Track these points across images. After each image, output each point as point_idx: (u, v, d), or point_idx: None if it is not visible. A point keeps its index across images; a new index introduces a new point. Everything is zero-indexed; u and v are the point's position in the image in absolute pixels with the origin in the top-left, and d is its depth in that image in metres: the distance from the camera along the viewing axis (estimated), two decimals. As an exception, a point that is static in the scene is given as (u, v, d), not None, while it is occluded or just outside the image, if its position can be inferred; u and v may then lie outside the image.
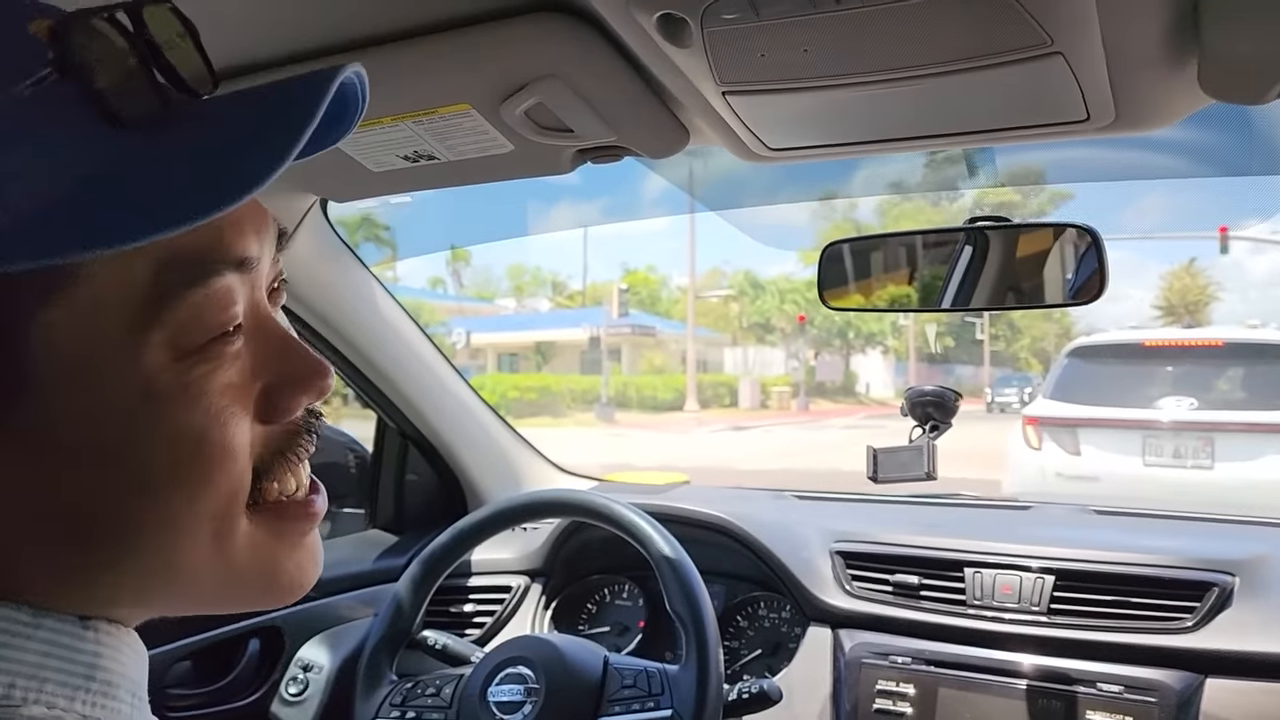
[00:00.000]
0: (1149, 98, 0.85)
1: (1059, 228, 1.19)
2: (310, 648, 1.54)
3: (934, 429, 1.49)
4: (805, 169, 1.47)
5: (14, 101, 0.38)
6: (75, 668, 0.44)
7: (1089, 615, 1.35)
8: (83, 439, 0.42)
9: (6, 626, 0.42)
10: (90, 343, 0.41)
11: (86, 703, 0.44)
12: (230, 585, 0.47)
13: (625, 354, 33.80)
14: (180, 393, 0.43)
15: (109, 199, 0.38)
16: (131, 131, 0.40)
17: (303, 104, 0.41)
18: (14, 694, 0.41)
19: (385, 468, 1.88)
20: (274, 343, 0.48)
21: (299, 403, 0.49)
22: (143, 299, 0.41)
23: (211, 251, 0.44)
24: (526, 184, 1.32)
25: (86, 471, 0.42)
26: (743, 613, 1.64)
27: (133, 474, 0.42)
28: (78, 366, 0.41)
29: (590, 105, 0.95)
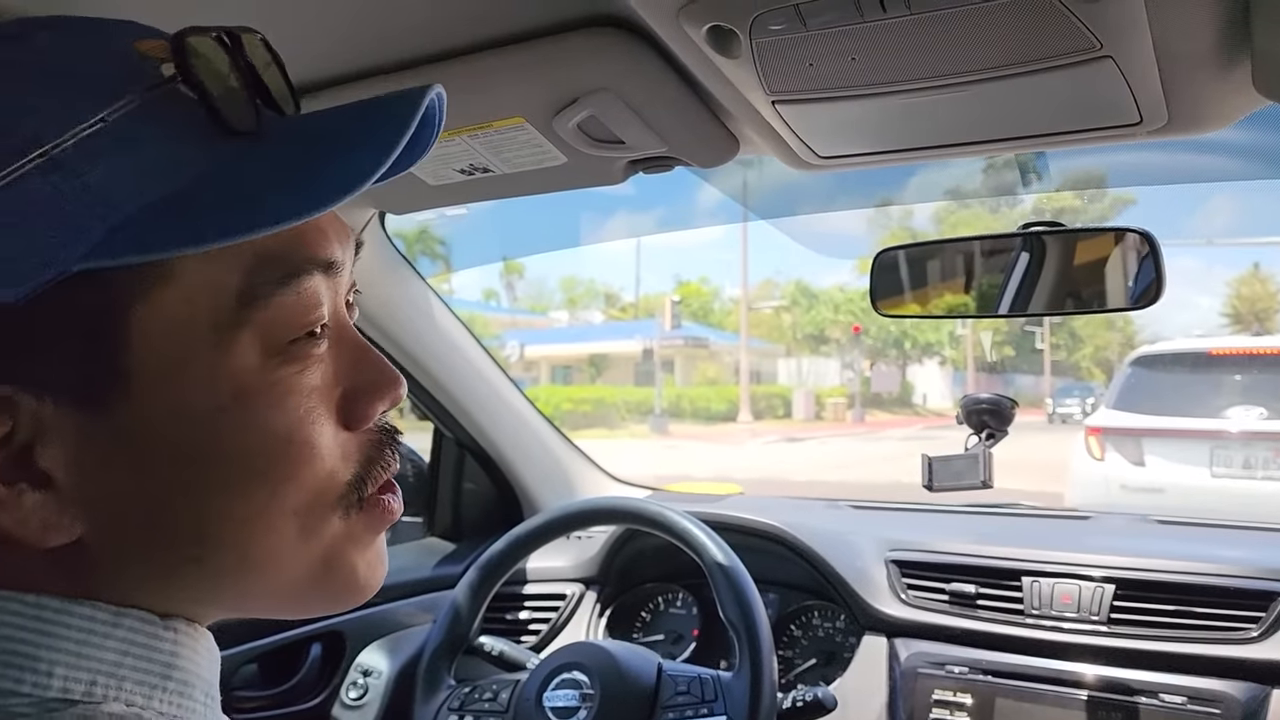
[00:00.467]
0: (1202, 99, 0.84)
1: (1116, 232, 1.18)
2: (370, 653, 1.57)
3: (990, 437, 1.48)
4: (859, 177, 1.47)
5: (123, 111, 0.41)
6: (153, 666, 0.45)
7: (1151, 625, 1.33)
8: (172, 436, 0.43)
9: (87, 625, 0.44)
10: (182, 340, 0.42)
11: (164, 701, 0.45)
12: (305, 584, 0.48)
13: (678, 366, 33.79)
14: (268, 391, 0.44)
15: (211, 199, 0.41)
16: (233, 140, 0.43)
17: (396, 117, 0.43)
18: (95, 691, 0.43)
19: (443, 477, 1.91)
20: (353, 349, 0.50)
21: (376, 409, 0.50)
22: (233, 298, 0.43)
23: (299, 254, 0.46)
24: (578, 195, 1.34)
25: (175, 468, 0.43)
26: (796, 622, 1.63)
27: (220, 471, 0.44)
28: (169, 363, 0.42)
29: (641, 117, 0.97)
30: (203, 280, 0.42)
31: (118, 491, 0.43)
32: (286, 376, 0.45)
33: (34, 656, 0.42)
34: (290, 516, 0.46)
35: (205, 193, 0.41)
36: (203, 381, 0.43)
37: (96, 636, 0.44)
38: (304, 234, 0.46)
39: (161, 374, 0.42)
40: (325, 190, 0.41)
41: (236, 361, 0.44)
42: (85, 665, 0.43)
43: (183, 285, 0.42)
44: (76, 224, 0.39)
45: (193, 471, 0.44)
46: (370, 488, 0.50)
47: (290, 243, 0.45)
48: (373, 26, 0.90)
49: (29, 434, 0.42)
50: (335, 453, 0.48)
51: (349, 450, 0.49)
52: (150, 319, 0.42)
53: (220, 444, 0.44)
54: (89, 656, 0.43)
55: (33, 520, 0.42)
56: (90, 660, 0.43)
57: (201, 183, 0.42)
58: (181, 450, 0.43)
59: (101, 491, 0.43)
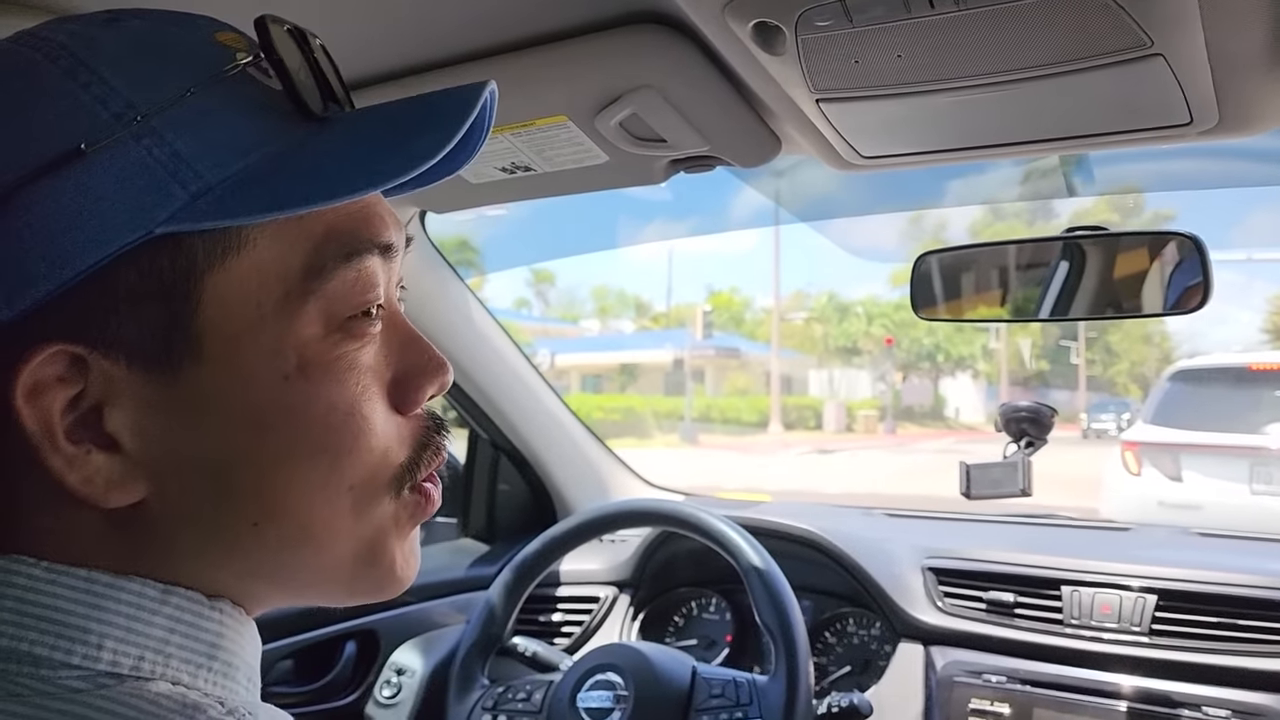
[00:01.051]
0: (1255, 99, 0.83)
1: (1160, 236, 1.17)
2: (404, 652, 1.58)
3: (1029, 445, 1.47)
4: (896, 183, 1.47)
5: (206, 89, 0.44)
6: (199, 645, 0.46)
7: (1193, 637, 1.31)
8: (239, 402, 0.45)
9: (136, 600, 0.44)
10: (252, 308, 0.44)
11: (208, 681, 0.46)
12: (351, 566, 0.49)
13: (709, 375, 33.73)
14: (331, 365, 0.46)
15: (287, 172, 0.43)
16: (303, 124, 0.46)
17: (454, 108, 0.46)
18: (143, 666, 0.44)
19: (477, 478, 1.92)
20: (403, 333, 0.52)
21: (425, 394, 0.51)
22: (300, 271, 0.45)
23: (361, 234, 0.48)
24: (612, 201, 1.34)
25: (241, 434, 0.45)
26: (831, 629, 1.62)
27: (285, 439, 0.45)
28: (239, 330, 0.44)
29: (684, 115, 0.97)
30: (273, 252, 0.45)
31: (183, 456, 0.44)
32: (347, 352, 0.47)
33: (85, 629, 0.43)
34: (347, 492, 0.47)
35: (280, 167, 0.44)
36: (270, 349, 0.45)
37: (145, 612, 0.44)
38: (365, 217, 0.48)
39: (232, 340, 0.44)
40: (391, 167, 0.43)
41: (301, 332, 0.45)
42: (134, 640, 0.44)
43: (254, 255, 0.44)
44: (164, 189, 0.42)
45: (258, 438, 0.45)
46: (422, 473, 0.51)
47: (353, 223, 0.47)
48: (419, 23, 0.90)
49: (99, 396, 0.43)
50: (391, 433, 0.49)
51: (403, 433, 0.50)
52: (223, 286, 0.44)
53: (286, 413, 0.45)
54: (138, 632, 0.44)
55: (98, 480, 0.43)
56: (139, 635, 0.44)
57: (276, 158, 0.44)
58: (248, 416, 0.45)
59: (167, 455, 0.44)
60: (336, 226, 0.47)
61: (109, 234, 0.41)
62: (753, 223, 18.33)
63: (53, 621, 0.43)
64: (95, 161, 0.41)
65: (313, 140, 0.46)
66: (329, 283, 0.46)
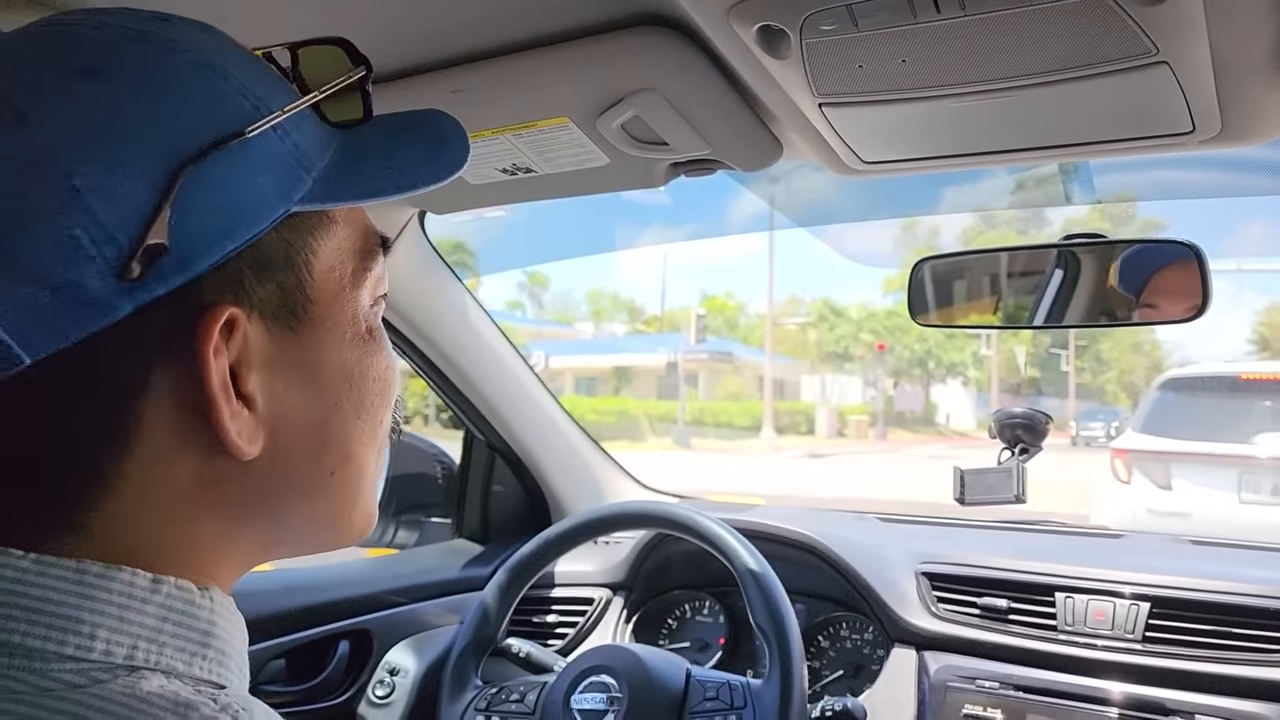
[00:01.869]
0: (1257, 108, 0.83)
1: (1159, 245, 1.17)
2: (397, 652, 1.57)
3: (1023, 451, 1.47)
4: (892, 189, 1.47)
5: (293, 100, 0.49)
6: (192, 634, 0.46)
7: (1186, 645, 1.31)
8: (334, 360, 0.52)
9: (127, 589, 0.45)
10: (337, 279, 0.52)
11: (203, 669, 0.46)
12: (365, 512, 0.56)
13: (702, 379, 33.73)
14: (377, 331, 0.55)
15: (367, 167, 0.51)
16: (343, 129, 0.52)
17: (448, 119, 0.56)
18: (137, 655, 0.44)
19: (472, 479, 1.91)
20: None
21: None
22: (360, 251, 0.54)
23: (377, 231, 0.56)
24: (608, 204, 1.33)
25: (333, 390, 0.52)
26: (825, 633, 1.62)
27: (359, 395, 0.53)
28: (333, 295, 0.51)
29: (686, 118, 0.97)
30: (346, 233, 0.52)
31: (294, 412, 0.50)
32: (379, 325, 0.56)
33: (77, 619, 0.43)
34: (379, 444, 0.56)
35: (357, 161, 0.50)
36: (351, 314, 0.53)
37: (137, 601, 0.45)
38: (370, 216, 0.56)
39: (330, 305, 0.51)
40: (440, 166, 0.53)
41: (363, 302, 0.54)
42: (127, 629, 0.44)
43: (338, 235, 0.52)
44: (295, 174, 0.47)
45: (346, 393, 0.52)
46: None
47: (370, 222, 0.56)
48: (421, 24, 0.90)
49: (239, 357, 0.47)
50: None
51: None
52: (323, 258, 0.51)
53: (363, 369, 0.53)
54: (130, 620, 0.44)
55: (245, 434, 0.47)
56: (131, 625, 0.44)
57: (347, 155, 0.51)
58: (341, 373, 0.52)
59: (283, 412, 0.49)
60: (367, 223, 0.55)
61: (264, 209, 0.46)
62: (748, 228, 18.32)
63: (43, 613, 0.43)
64: (252, 145, 0.45)
65: (361, 141, 0.52)
66: (374, 264, 0.54)
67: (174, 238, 0.43)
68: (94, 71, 0.43)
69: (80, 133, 0.42)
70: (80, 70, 0.43)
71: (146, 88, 0.44)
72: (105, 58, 0.44)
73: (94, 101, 0.43)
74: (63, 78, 0.43)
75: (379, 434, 0.56)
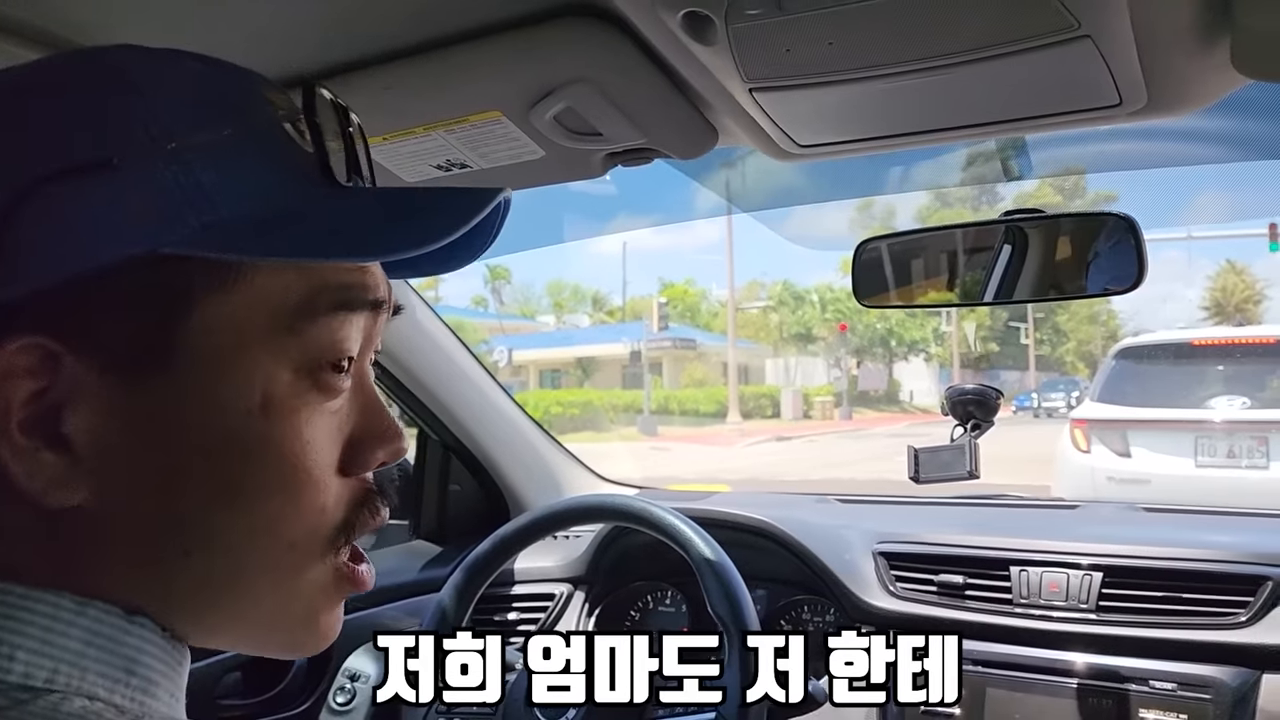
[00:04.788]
0: (1182, 79, 0.84)
1: (1097, 218, 1.18)
2: (357, 657, 1.56)
3: (975, 428, 1.48)
4: (841, 172, 1.47)
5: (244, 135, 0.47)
6: (116, 660, 0.45)
7: (1139, 612, 1.33)
8: (197, 426, 0.45)
9: (52, 612, 0.44)
10: (233, 338, 0.46)
11: (125, 696, 0.45)
12: (277, 618, 0.50)
13: (666, 368, 33.79)
14: (292, 413, 0.47)
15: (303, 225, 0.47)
16: (327, 189, 0.49)
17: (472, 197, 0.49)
18: (57, 680, 0.43)
19: (428, 479, 1.90)
20: (367, 396, 0.53)
21: (376, 459, 0.52)
22: (290, 309, 0.47)
23: (355, 289, 0.50)
24: (563, 195, 1.33)
25: (192, 458, 0.46)
26: (786, 617, 1.63)
27: (230, 476, 0.46)
28: (216, 356, 0.45)
29: (619, 108, 0.96)
30: (269, 290, 0.46)
31: (132, 468, 0.45)
32: (311, 401, 0.48)
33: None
34: (287, 550, 0.48)
35: (295, 218, 0.46)
36: (240, 380, 0.46)
37: (61, 624, 0.44)
38: (363, 276, 0.50)
39: (207, 364, 0.45)
40: (403, 240, 0.47)
41: (273, 371, 0.47)
42: (49, 653, 0.43)
43: (249, 289, 0.46)
44: (179, 214, 0.44)
45: (207, 466, 0.46)
46: (354, 534, 0.51)
47: (350, 279, 0.49)
48: (348, 21, 0.89)
49: (62, 395, 0.43)
50: (330, 491, 0.50)
51: (340, 494, 0.50)
52: (212, 311, 0.45)
53: (238, 447, 0.46)
54: (53, 644, 0.43)
55: (40, 477, 0.43)
56: (54, 648, 0.43)
57: (292, 210, 0.47)
58: (202, 442, 0.46)
59: (116, 466, 0.44)
60: (335, 279, 0.48)
61: (115, 243, 0.43)
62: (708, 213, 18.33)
63: None
64: (121, 175, 0.43)
65: (332, 202, 0.49)
66: (314, 326, 0.47)
67: (3, 254, 0.42)
68: (20, 90, 0.46)
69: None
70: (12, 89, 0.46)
71: (43, 106, 0.45)
72: (37, 78, 0.47)
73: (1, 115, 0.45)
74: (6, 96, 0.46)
75: (273, 533, 0.47)
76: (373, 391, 0.53)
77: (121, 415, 0.44)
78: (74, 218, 0.43)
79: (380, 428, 0.52)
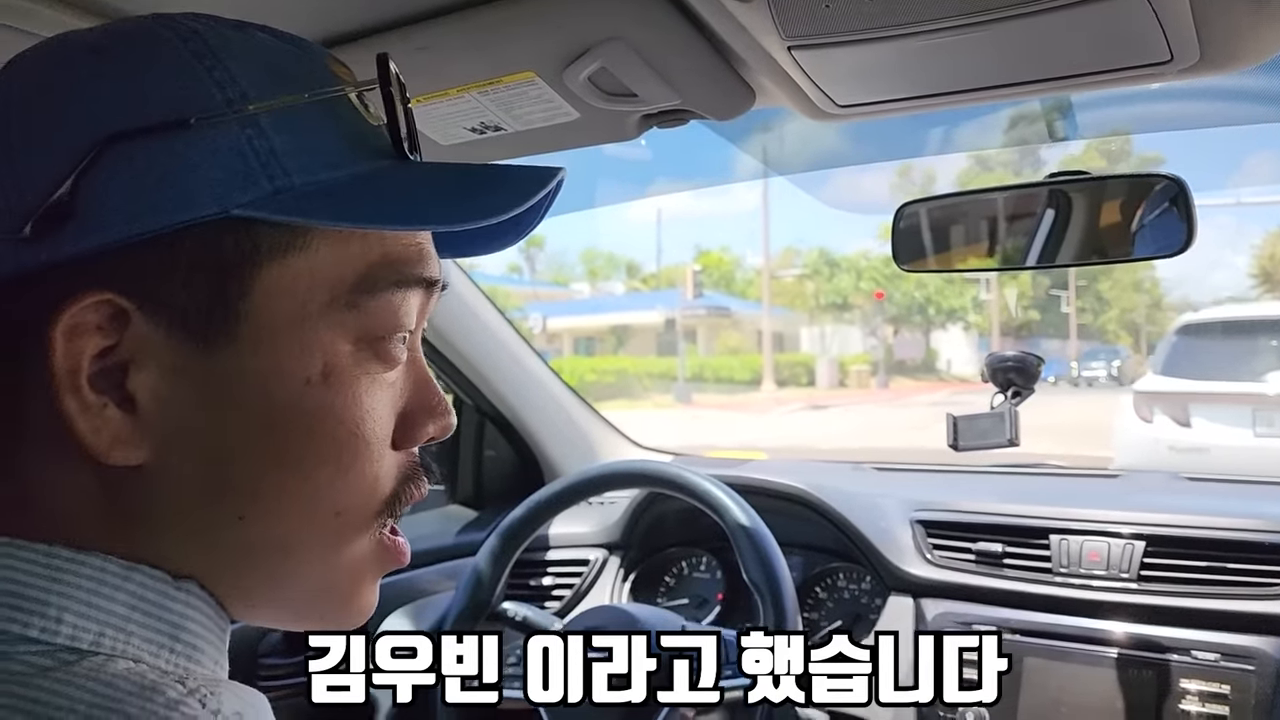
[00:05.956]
0: (1235, 34, 0.81)
1: (1145, 179, 1.15)
2: (394, 619, 1.58)
3: (1015, 395, 1.46)
4: (881, 133, 1.44)
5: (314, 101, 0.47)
6: (162, 625, 0.45)
7: (1182, 582, 1.31)
8: (259, 392, 0.46)
9: (98, 575, 0.44)
10: (296, 306, 0.46)
11: (170, 661, 0.45)
12: (320, 589, 0.51)
13: (701, 335, 33.72)
14: (353, 382, 0.48)
15: (370, 193, 0.47)
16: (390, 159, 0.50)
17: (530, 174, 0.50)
18: (103, 642, 0.43)
19: (464, 444, 1.91)
20: (418, 373, 0.54)
21: (426, 433, 0.53)
22: (350, 282, 0.47)
23: (412, 267, 0.50)
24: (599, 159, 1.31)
25: (252, 424, 0.46)
26: (822, 584, 1.62)
27: (289, 444, 0.47)
28: (279, 323, 0.46)
29: (654, 68, 0.94)
30: (330, 260, 0.47)
31: (193, 431, 0.45)
32: (371, 371, 0.49)
33: (43, 602, 0.43)
34: (334, 518, 0.48)
35: (364, 187, 0.47)
36: (302, 349, 0.46)
37: (107, 588, 0.44)
38: (419, 252, 0.50)
39: (270, 330, 0.46)
40: (465, 212, 0.47)
41: (335, 341, 0.47)
42: (95, 616, 0.43)
43: (313, 258, 0.46)
44: (252, 177, 0.44)
45: (266, 434, 0.46)
46: (401, 508, 0.52)
47: (407, 255, 0.50)
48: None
49: (129, 354, 0.44)
50: (383, 463, 0.50)
51: (391, 467, 0.51)
52: (277, 277, 0.46)
53: (298, 416, 0.47)
54: (99, 607, 0.44)
55: (105, 433, 0.44)
56: (99, 611, 0.44)
57: (361, 179, 0.48)
58: (263, 410, 0.46)
59: (178, 427, 0.45)
60: (393, 254, 0.49)
61: (189, 203, 0.43)
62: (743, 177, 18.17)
63: (10, 594, 0.42)
64: (198, 135, 0.44)
65: (396, 173, 0.49)
66: (374, 300, 0.48)
67: (77, 209, 0.42)
68: (99, 48, 0.46)
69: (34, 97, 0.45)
70: (88, 47, 0.46)
71: (120, 64, 0.45)
72: (114, 38, 0.47)
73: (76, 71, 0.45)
74: (74, 54, 0.46)
75: (325, 502, 0.48)
76: (424, 368, 0.54)
77: (185, 376, 0.45)
78: (148, 176, 0.43)
79: (431, 403, 0.53)
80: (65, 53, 0.47)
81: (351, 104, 0.50)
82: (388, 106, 0.50)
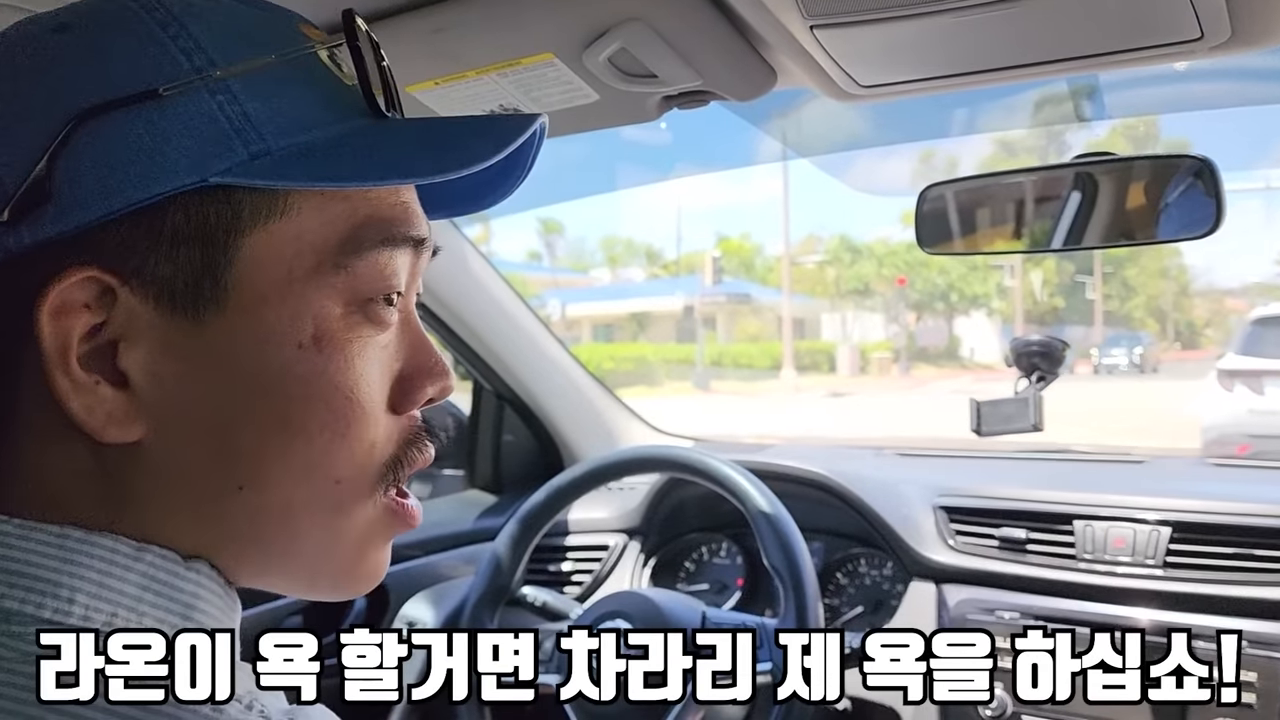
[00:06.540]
0: (1268, 10, 0.79)
1: (1171, 160, 1.13)
2: (413, 604, 1.58)
3: (1040, 380, 1.45)
4: (904, 115, 1.42)
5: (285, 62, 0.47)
6: (174, 605, 0.46)
7: (1208, 569, 1.30)
8: (251, 360, 0.46)
9: (109, 556, 0.44)
10: (283, 271, 0.46)
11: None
12: (324, 558, 0.50)
13: (720, 322, 33.65)
14: (344, 344, 0.47)
15: (347, 152, 0.46)
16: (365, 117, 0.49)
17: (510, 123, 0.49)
18: (116, 622, 0.44)
19: (483, 429, 1.91)
20: (413, 334, 0.53)
21: (424, 394, 0.52)
22: (335, 244, 0.47)
23: (399, 225, 0.49)
24: (618, 143, 1.30)
25: (246, 393, 0.46)
26: (843, 570, 1.62)
27: (284, 410, 0.46)
28: (267, 289, 0.46)
29: (674, 48, 0.93)
30: (314, 223, 0.46)
31: (188, 404, 0.45)
32: (362, 335, 0.48)
33: (56, 583, 0.43)
34: (334, 486, 0.48)
35: (340, 146, 0.47)
36: (291, 314, 0.46)
37: (118, 569, 0.44)
38: (405, 211, 0.50)
39: (258, 297, 0.45)
40: (444, 163, 0.46)
41: (324, 304, 0.47)
42: (107, 596, 0.44)
43: (296, 222, 0.46)
44: (227, 143, 0.44)
45: (262, 401, 0.46)
46: (404, 472, 0.52)
47: (393, 214, 0.49)
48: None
49: (119, 330, 0.44)
50: (381, 427, 0.50)
51: (390, 431, 0.51)
52: (262, 244, 0.45)
53: (292, 381, 0.46)
54: (111, 588, 0.44)
55: (99, 411, 0.44)
56: (112, 592, 0.44)
57: (338, 139, 0.47)
58: (257, 377, 0.46)
59: (172, 402, 0.45)
60: (378, 214, 0.48)
61: (166, 174, 0.43)
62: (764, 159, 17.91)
63: (23, 575, 0.43)
64: (169, 105, 0.43)
65: (374, 131, 0.49)
66: (361, 261, 0.47)
67: (55, 189, 0.42)
68: (63, 27, 0.46)
69: (2, 83, 0.45)
70: (52, 27, 0.46)
71: (85, 41, 0.45)
72: (78, 15, 0.46)
73: (42, 52, 0.45)
74: (38, 34, 0.46)
75: (323, 468, 0.47)
76: (419, 329, 0.53)
77: (176, 350, 0.45)
78: (122, 150, 0.43)
79: (428, 364, 0.52)
80: (30, 34, 0.46)
81: (325, 65, 0.49)
82: (357, 63, 0.49)
